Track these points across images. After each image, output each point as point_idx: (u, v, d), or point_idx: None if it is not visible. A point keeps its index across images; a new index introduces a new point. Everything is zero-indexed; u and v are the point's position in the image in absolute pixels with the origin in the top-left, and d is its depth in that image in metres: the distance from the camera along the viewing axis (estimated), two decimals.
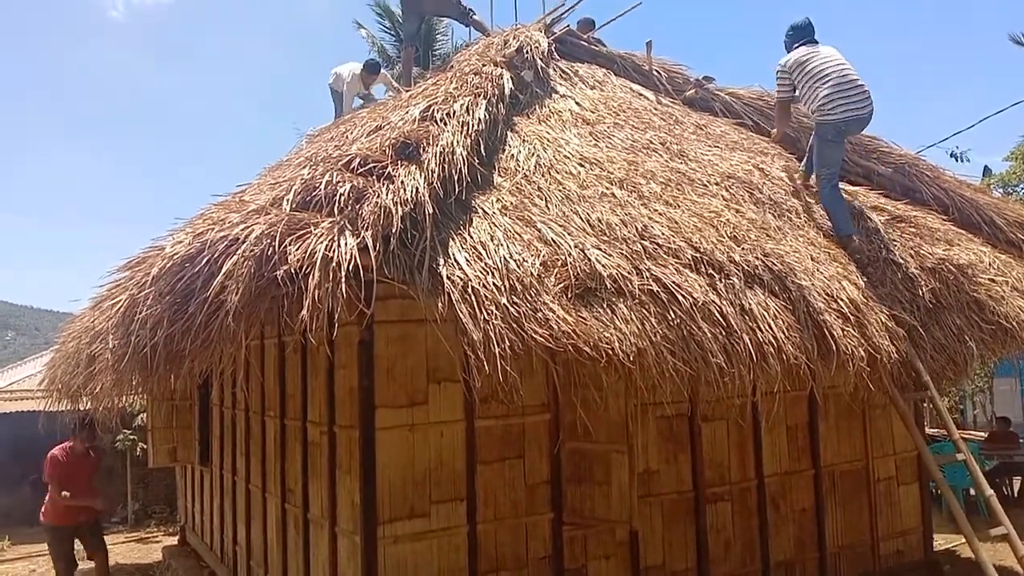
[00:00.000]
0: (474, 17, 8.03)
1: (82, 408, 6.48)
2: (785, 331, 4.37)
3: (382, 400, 4.36)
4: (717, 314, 4.16)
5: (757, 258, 4.66)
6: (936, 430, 9.50)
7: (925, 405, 7.43)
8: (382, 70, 8.85)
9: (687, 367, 3.95)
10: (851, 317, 4.70)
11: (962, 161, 15.51)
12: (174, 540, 10.27)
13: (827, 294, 4.73)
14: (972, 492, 8.56)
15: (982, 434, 12.69)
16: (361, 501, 4.29)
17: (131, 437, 12.26)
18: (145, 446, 10.11)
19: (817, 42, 5.75)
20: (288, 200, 3.70)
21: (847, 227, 5.49)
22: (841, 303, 4.72)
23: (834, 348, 4.49)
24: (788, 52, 5.82)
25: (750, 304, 4.34)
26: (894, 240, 5.63)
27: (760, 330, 4.26)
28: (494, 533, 4.68)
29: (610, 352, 3.70)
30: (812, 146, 5.84)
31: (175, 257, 3.48)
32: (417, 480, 4.45)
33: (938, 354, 5.15)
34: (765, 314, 4.35)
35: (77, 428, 6.85)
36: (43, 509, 6.93)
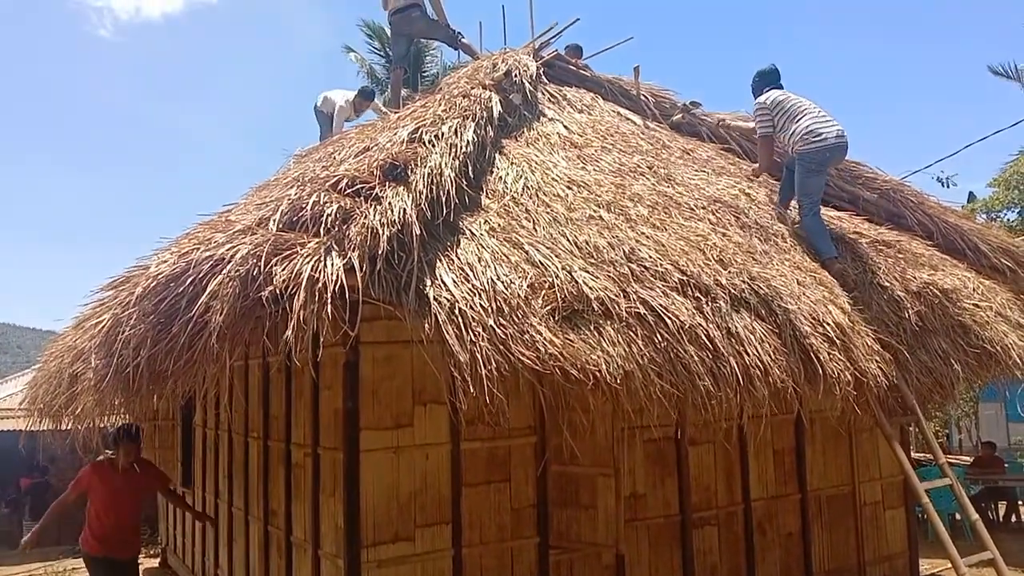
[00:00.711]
0: (463, 40, 8.08)
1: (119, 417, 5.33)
2: (772, 354, 4.38)
3: (367, 422, 4.33)
4: (704, 337, 4.17)
5: (744, 281, 4.67)
6: (922, 454, 9.53)
7: (911, 429, 7.45)
8: (375, 98, 8.90)
9: (674, 390, 3.95)
10: (837, 341, 4.72)
11: (948, 186, 15.74)
12: (155, 562, 10.11)
13: (813, 318, 4.75)
14: (958, 517, 8.58)
15: (968, 459, 12.74)
16: (345, 524, 4.24)
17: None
18: None
19: (783, 87, 6.11)
20: (275, 220, 3.68)
21: (830, 250, 5.61)
22: (827, 327, 4.74)
23: (820, 372, 4.50)
24: (757, 96, 6.17)
25: (737, 327, 4.35)
26: (879, 264, 5.67)
27: (747, 353, 4.27)
28: (479, 557, 4.63)
29: (597, 375, 3.69)
30: (793, 177, 5.96)
31: (160, 277, 3.46)
32: (402, 503, 4.41)
33: (924, 377, 5.18)
34: (752, 337, 4.36)
35: (119, 437, 5.67)
36: (81, 535, 5.79)
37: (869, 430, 6.23)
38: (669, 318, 4.10)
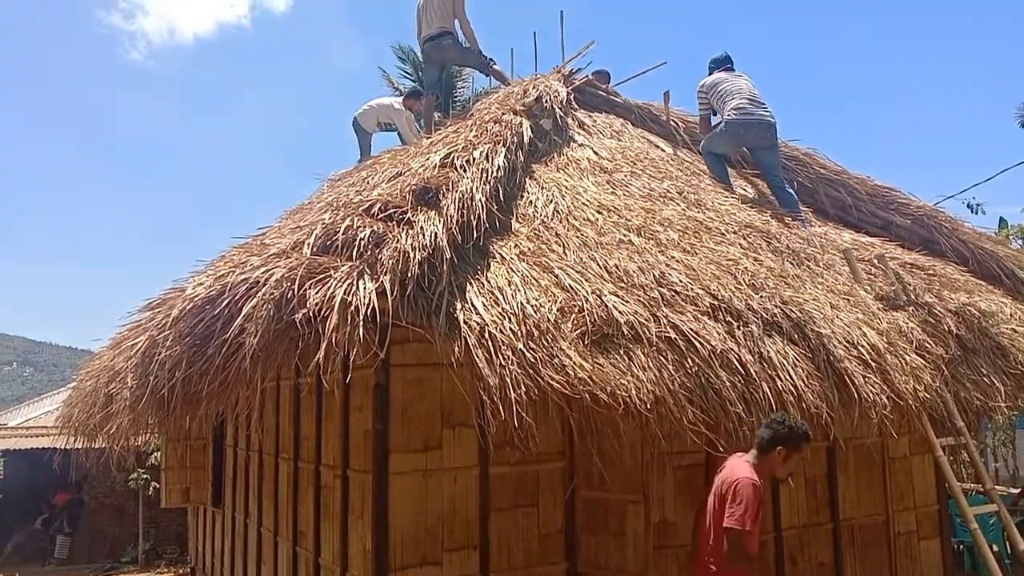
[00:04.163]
0: (494, 67, 8.14)
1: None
2: (805, 379, 4.32)
3: (396, 444, 4.34)
4: (736, 362, 4.13)
5: (776, 306, 4.63)
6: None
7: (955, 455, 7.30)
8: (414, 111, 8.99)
9: (705, 416, 3.91)
10: (873, 364, 4.64)
11: (978, 213, 15.51)
12: None
13: (848, 341, 4.69)
14: (995, 548, 8.34)
15: (1004, 489, 12.40)
16: (373, 547, 4.24)
17: (144, 476, 12.26)
18: (158, 485, 10.09)
19: (734, 70, 6.91)
20: (309, 244, 3.73)
21: (725, 178, 6.69)
22: (862, 349, 4.67)
23: (856, 396, 4.43)
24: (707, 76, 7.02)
25: (769, 352, 4.31)
26: (914, 285, 5.60)
27: (779, 378, 4.22)
28: None
29: (627, 400, 3.67)
30: (714, 132, 6.83)
31: (196, 299, 3.51)
32: (430, 527, 4.40)
33: (969, 396, 5.08)
34: (784, 362, 4.31)
35: (801, 437, 3.97)
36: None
37: (903, 457, 6.11)
38: (700, 343, 4.07)
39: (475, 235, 4.42)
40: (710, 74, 6.97)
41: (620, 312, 4.07)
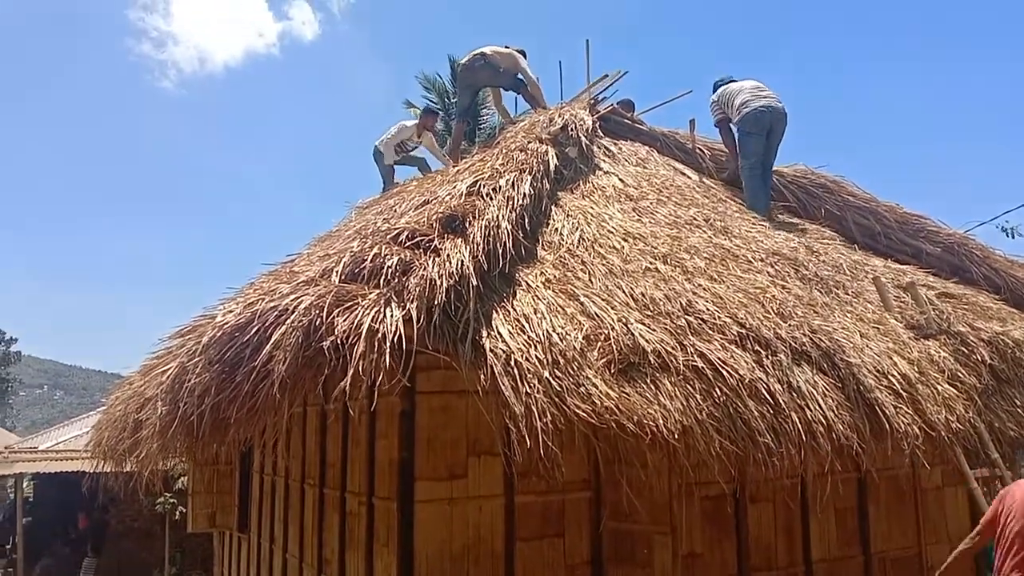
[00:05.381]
0: (527, 89, 8.10)
1: None
2: (835, 410, 4.26)
3: (422, 472, 4.33)
4: (764, 392, 4.08)
5: (804, 334, 4.58)
6: None
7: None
8: (432, 130, 9.10)
9: (734, 446, 3.86)
10: (904, 393, 4.57)
11: (1012, 236, 15.31)
12: None
13: (878, 370, 4.62)
14: None
15: None
16: None
17: (171, 500, 12.33)
18: (184, 510, 10.14)
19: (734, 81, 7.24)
20: (337, 272, 3.77)
21: (762, 206, 6.66)
22: (893, 379, 4.60)
23: (887, 427, 4.36)
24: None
25: (798, 382, 4.25)
26: (947, 314, 5.52)
27: (809, 408, 4.16)
28: None
29: (654, 429, 3.64)
30: (737, 144, 7.03)
31: (225, 326, 3.55)
32: (455, 556, 4.37)
33: (1003, 428, 4.98)
34: (814, 392, 4.25)
35: None
36: None
37: (936, 489, 5.97)
38: (728, 372, 4.03)
39: (501, 263, 4.44)
40: (716, 91, 7.31)
41: (647, 340, 4.05)
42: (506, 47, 8.04)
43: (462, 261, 4.06)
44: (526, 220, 4.98)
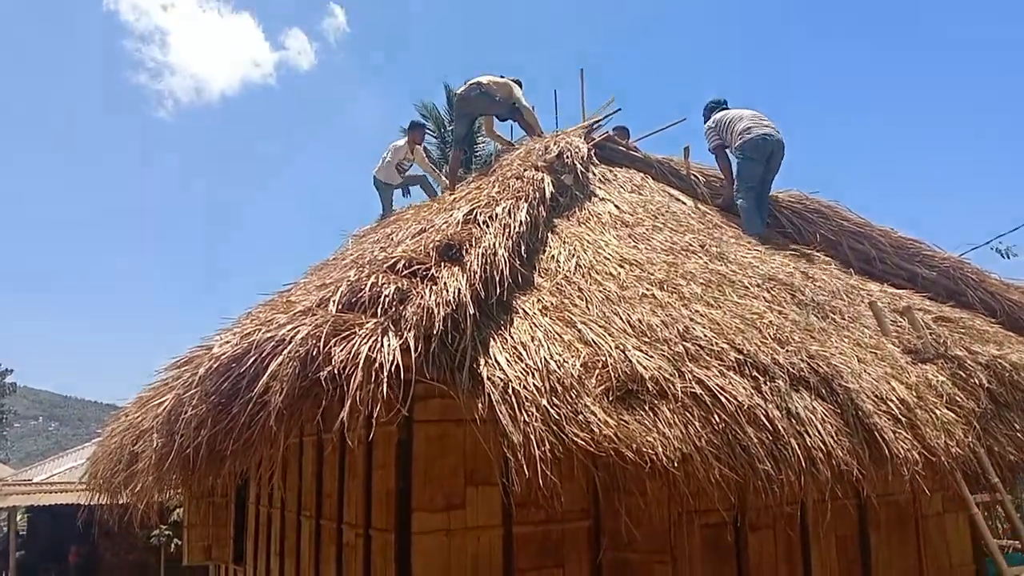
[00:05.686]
0: (523, 116, 8.15)
1: None
2: (834, 436, 4.24)
3: (419, 503, 4.29)
4: (763, 418, 4.06)
5: (802, 360, 4.57)
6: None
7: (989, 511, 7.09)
8: (422, 144, 9.20)
9: (733, 473, 3.84)
10: (903, 419, 4.56)
11: (1008, 257, 15.39)
12: None
13: (876, 396, 4.61)
14: None
15: None
16: None
17: (166, 532, 12.21)
18: (180, 542, 10.03)
19: (728, 109, 7.36)
20: (334, 301, 3.76)
21: (758, 229, 6.77)
22: (891, 404, 4.59)
23: (887, 453, 4.34)
24: (706, 122, 7.40)
25: (797, 408, 4.24)
26: (944, 338, 5.52)
27: (808, 435, 4.14)
28: None
29: (653, 457, 3.62)
30: (734, 169, 7.10)
31: (222, 357, 3.53)
32: None
33: (1003, 452, 4.96)
34: (813, 418, 4.23)
35: None
36: None
37: (937, 515, 5.93)
38: (726, 398, 4.02)
39: (498, 290, 4.43)
40: (708, 116, 7.44)
41: (644, 367, 4.03)
42: (502, 77, 8.11)
43: (459, 289, 4.05)
44: (523, 247, 4.98)
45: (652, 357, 4.17)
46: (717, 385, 4.08)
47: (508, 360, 3.88)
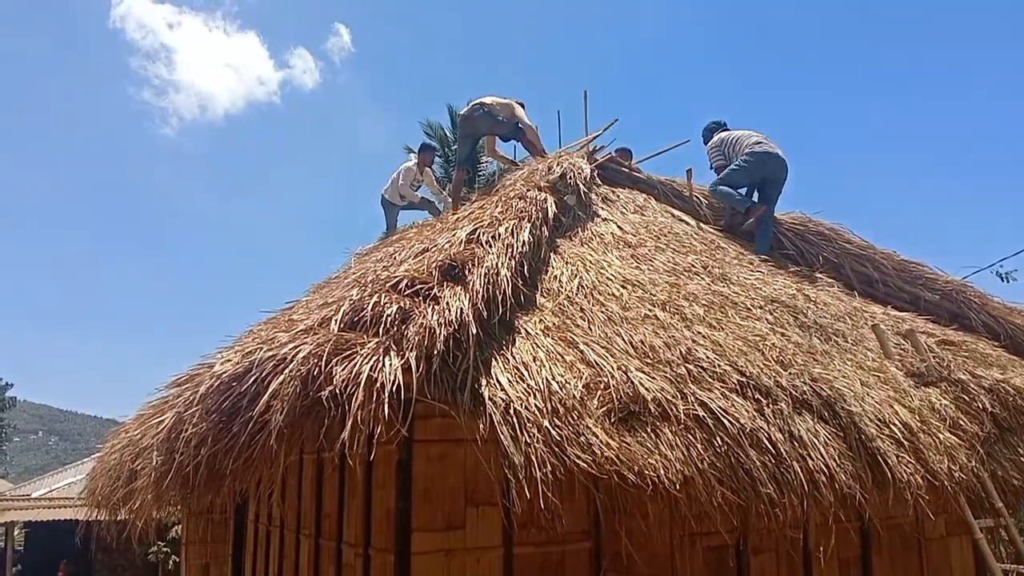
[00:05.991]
0: (526, 136, 8.16)
1: None
2: (837, 459, 4.22)
3: (419, 523, 4.26)
4: (766, 441, 4.05)
5: (805, 383, 4.56)
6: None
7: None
8: (432, 166, 9.28)
9: (735, 496, 3.82)
10: (906, 443, 4.54)
11: (1008, 281, 15.38)
12: None
13: (879, 419, 4.59)
14: None
15: None
16: None
17: (164, 549, 12.14)
18: (178, 559, 9.98)
19: (728, 129, 7.51)
20: (336, 320, 3.76)
21: (741, 203, 7.06)
22: (894, 428, 4.57)
23: (889, 476, 4.32)
24: (707, 142, 7.59)
25: (799, 431, 4.22)
26: (947, 361, 5.50)
27: (811, 458, 4.12)
28: None
29: (655, 479, 3.60)
30: (726, 169, 7.24)
31: (223, 375, 3.53)
32: None
33: (1007, 476, 4.93)
34: (815, 441, 4.22)
35: None
36: None
37: (940, 538, 5.88)
38: (729, 421, 4.01)
39: (500, 310, 4.43)
40: (709, 137, 7.59)
41: (646, 389, 4.03)
42: (505, 98, 8.15)
43: (461, 309, 4.05)
44: (525, 267, 4.99)
45: (654, 379, 4.16)
46: (719, 407, 4.07)
47: (510, 380, 3.87)
